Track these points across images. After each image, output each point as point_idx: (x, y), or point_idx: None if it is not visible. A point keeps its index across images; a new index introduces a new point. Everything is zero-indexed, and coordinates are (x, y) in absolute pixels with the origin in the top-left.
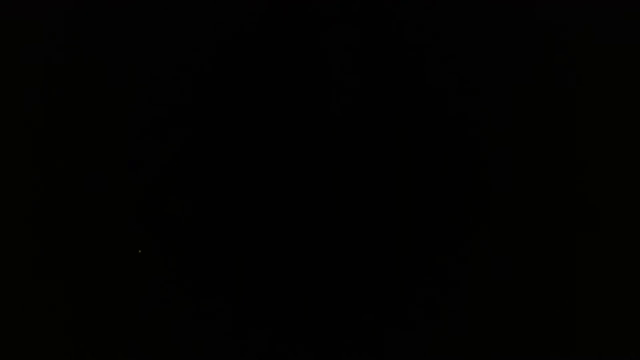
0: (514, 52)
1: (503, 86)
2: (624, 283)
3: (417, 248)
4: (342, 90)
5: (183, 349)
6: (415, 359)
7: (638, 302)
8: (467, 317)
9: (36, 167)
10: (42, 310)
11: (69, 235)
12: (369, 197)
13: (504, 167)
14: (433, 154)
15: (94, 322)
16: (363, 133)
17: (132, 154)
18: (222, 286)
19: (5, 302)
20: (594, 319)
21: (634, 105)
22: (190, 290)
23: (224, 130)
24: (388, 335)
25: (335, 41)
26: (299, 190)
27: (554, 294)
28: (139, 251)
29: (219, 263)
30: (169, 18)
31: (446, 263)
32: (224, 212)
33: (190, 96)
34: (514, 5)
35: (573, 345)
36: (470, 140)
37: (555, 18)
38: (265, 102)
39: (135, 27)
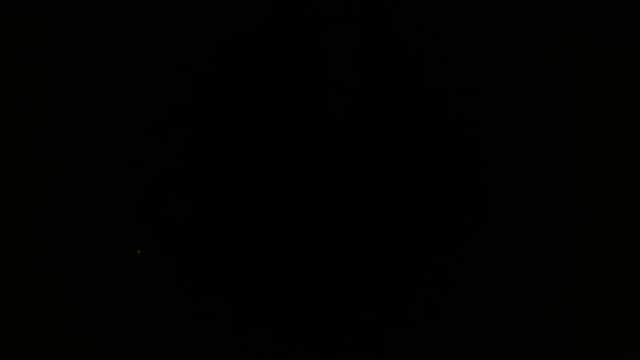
0: (514, 52)
1: (503, 86)
2: (624, 283)
3: (417, 248)
4: (342, 90)
5: (183, 349)
6: (415, 359)
7: (638, 302)
8: (467, 317)
9: (36, 167)
10: (42, 310)
11: (69, 235)
12: (369, 197)
13: (504, 167)
14: (433, 154)
15: (94, 322)
16: (363, 133)
17: (132, 154)
18: (222, 286)
19: (5, 302)
20: (594, 319)
21: (634, 105)
22: (190, 290)
23: (224, 130)
24: (388, 335)
25: (335, 41)
26: (299, 190)
27: (554, 294)
28: (138, 251)
29: (219, 263)
30: (169, 18)
31: (446, 263)
32: (224, 212)
33: (190, 96)
34: (514, 5)
35: (573, 345)
36: (470, 140)
37: (555, 18)
38: (265, 102)
39: (135, 27)
